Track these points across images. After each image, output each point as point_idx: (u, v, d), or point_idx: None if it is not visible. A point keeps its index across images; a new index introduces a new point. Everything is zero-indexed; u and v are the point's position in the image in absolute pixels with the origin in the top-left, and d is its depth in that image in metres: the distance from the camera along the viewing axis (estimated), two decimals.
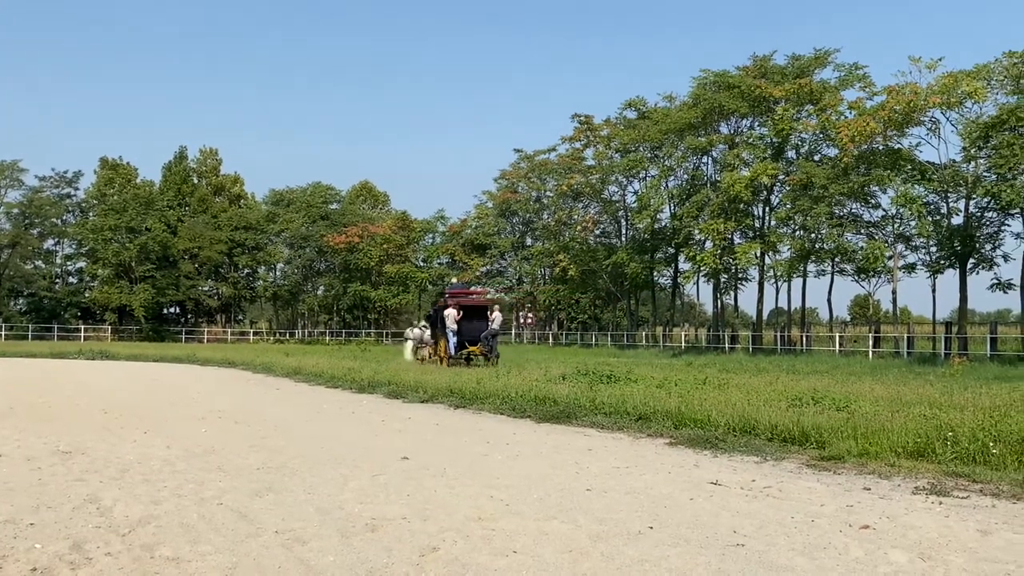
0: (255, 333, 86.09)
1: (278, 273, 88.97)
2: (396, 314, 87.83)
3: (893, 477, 9.87)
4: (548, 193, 69.35)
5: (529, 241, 73.56)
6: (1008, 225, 40.96)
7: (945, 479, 9.59)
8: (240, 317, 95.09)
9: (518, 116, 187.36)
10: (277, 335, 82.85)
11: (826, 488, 9.38)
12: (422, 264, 78.62)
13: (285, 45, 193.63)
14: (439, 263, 77.36)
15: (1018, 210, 38.93)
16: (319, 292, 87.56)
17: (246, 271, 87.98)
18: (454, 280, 44.80)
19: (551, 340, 67.42)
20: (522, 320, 72.61)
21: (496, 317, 31.62)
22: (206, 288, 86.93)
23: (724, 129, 53.48)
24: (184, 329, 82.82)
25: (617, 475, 10.21)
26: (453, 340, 31.00)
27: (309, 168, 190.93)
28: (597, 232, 65.83)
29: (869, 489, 9.28)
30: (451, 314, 30.92)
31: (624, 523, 7.76)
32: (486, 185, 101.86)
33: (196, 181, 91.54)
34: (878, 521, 7.81)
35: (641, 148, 57.39)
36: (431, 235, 79.13)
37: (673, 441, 12.90)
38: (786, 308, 53.97)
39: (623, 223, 64.19)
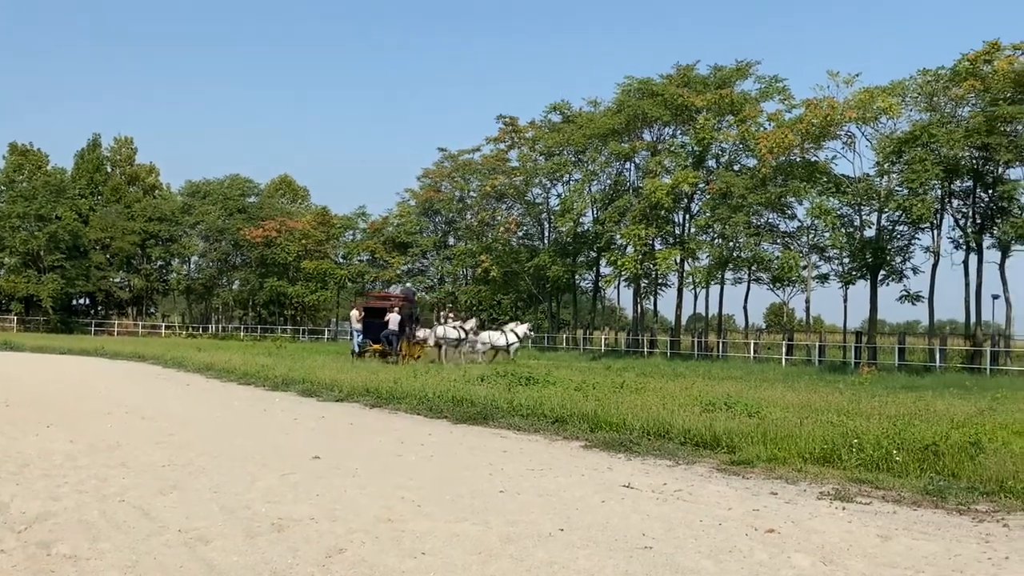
0: (167, 327, 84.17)
1: (192, 266, 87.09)
2: (314, 311, 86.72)
3: (800, 482, 10.03)
4: (472, 193, 69.09)
5: (451, 241, 73.15)
6: (918, 239, 42.08)
7: (849, 485, 9.77)
8: (152, 310, 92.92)
9: (442, 115, 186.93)
10: (190, 329, 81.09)
11: (735, 492, 9.48)
12: (342, 261, 77.64)
13: (205, 37, 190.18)
14: (359, 260, 76.48)
15: (928, 224, 40.04)
16: (234, 287, 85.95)
17: (159, 263, 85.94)
18: (408, 285, 44.94)
19: None
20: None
21: (392, 318, 32.63)
22: (117, 280, 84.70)
23: (647, 136, 53.88)
24: (94, 321, 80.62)
25: (531, 477, 10.20)
26: (358, 339, 33.52)
27: (228, 160, 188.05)
28: (520, 234, 65.79)
29: (776, 494, 9.41)
30: (354, 315, 33.92)
31: (535, 525, 7.75)
32: (409, 183, 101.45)
33: (110, 170, 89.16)
34: (783, 525, 7.92)
35: (565, 152, 57.54)
36: (351, 232, 78.19)
37: (588, 444, 12.94)
38: (704, 314, 54.70)
39: (546, 226, 64.33)
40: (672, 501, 8.96)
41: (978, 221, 38.91)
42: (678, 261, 50.22)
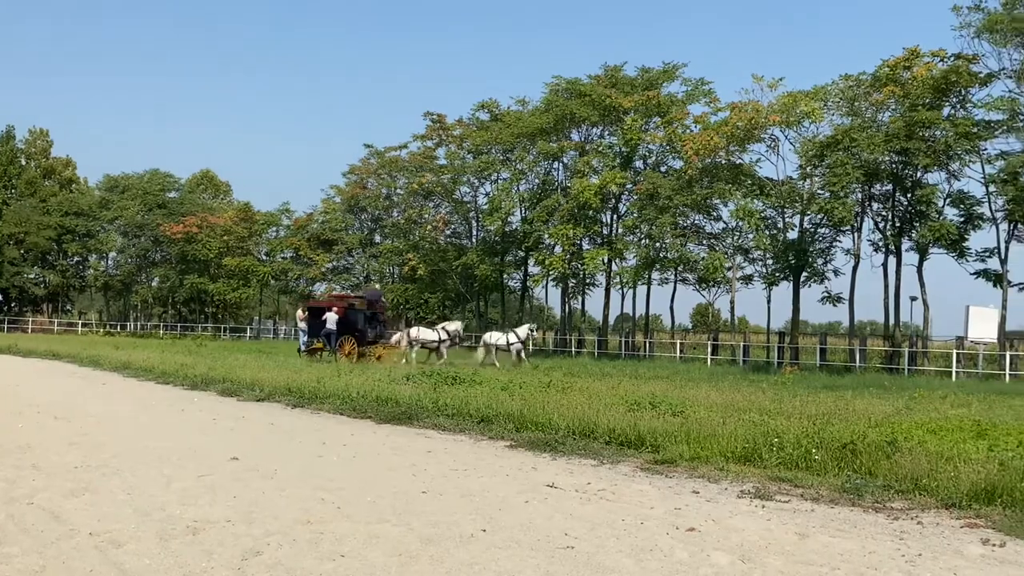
0: (84, 324, 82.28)
1: (110, 262, 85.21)
2: (236, 309, 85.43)
3: (721, 481, 10.11)
4: (399, 191, 68.66)
5: (378, 238, 72.50)
6: (839, 241, 42.84)
7: (770, 483, 9.88)
8: (68, 307, 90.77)
9: (369, 111, 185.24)
10: (108, 327, 79.32)
11: (657, 491, 9.52)
12: (264, 258, 76.65)
13: (124, 27, 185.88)
14: (283, 257, 75.50)
15: (849, 227, 40.82)
16: (154, 283, 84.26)
17: (76, 259, 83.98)
18: (376, 287, 44.67)
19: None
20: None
21: (329, 316, 33.64)
22: (32, 276, 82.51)
23: (575, 136, 54.14)
24: (6, 318, 78.32)
25: (455, 477, 10.13)
26: (303, 338, 35.23)
27: (147, 155, 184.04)
28: (448, 232, 65.64)
29: (698, 492, 9.48)
30: (299, 314, 35.70)
31: (457, 526, 7.69)
32: (334, 180, 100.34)
33: (24, 163, 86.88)
34: (704, 524, 7.97)
35: (493, 150, 57.47)
36: (275, 228, 77.16)
37: (514, 444, 12.91)
38: (631, 314, 55.18)
39: (474, 224, 64.22)
40: (595, 500, 8.96)
41: (897, 224, 39.81)
42: (606, 261, 50.50)
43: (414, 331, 34.83)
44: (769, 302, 45.22)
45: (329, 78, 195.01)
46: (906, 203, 39.30)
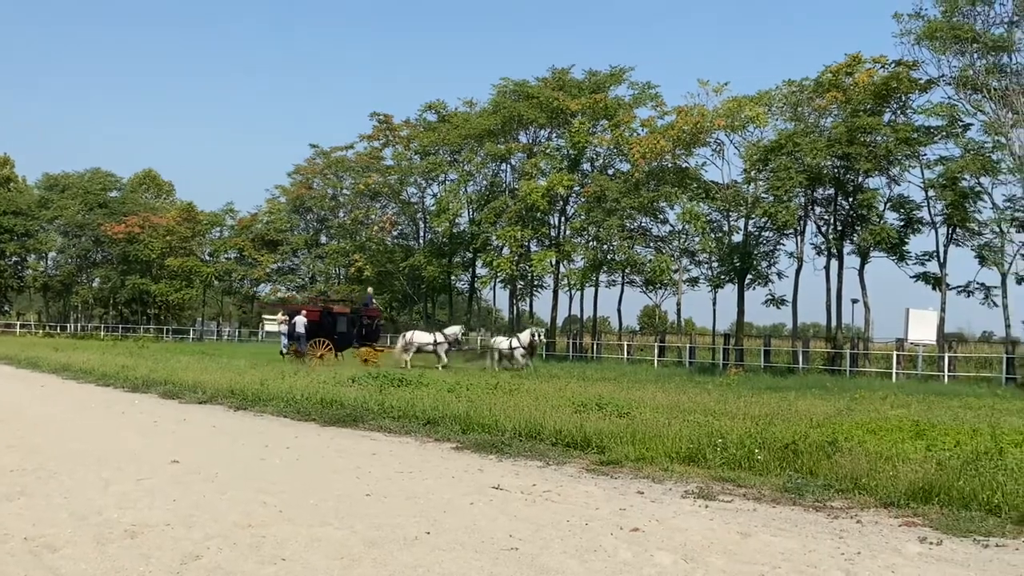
0: (23, 326, 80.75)
1: (50, 262, 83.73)
2: (179, 310, 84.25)
3: (666, 481, 10.16)
4: (345, 191, 68.44)
5: (324, 239, 72.09)
6: (783, 244, 43.43)
7: (713, 484, 9.95)
8: (6, 308, 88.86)
9: (315, 111, 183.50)
10: (47, 328, 77.95)
11: (603, 492, 9.54)
12: (208, 258, 75.77)
13: (59, 23, 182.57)
14: (226, 258, 74.75)
15: (792, 230, 41.40)
16: (95, 284, 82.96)
17: (14, 259, 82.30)
18: (369, 290, 44.34)
19: None
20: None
21: (298, 320, 34.05)
22: None
23: (523, 138, 54.32)
24: None
25: (399, 480, 10.06)
26: (285, 341, 35.48)
27: (89, 154, 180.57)
28: (395, 233, 65.46)
29: (643, 493, 9.51)
30: (280, 318, 36.79)
31: (401, 528, 7.62)
32: (279, 179, 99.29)
33: None
34: (648, 524, 7.99)
35: (441, 151, 57.44)
36: (219, 229, 76.36)
37: (460, 446, 12.86)
38: (579, 316, 55.36)
39: (421, 225, 64.10)
40: (541, 502, 8.95)
41: (839, 228, 40.42)
42: (553, 263, 50.70)
43: (410, 334, 34.36)
44: (715, 304, 45.70)
45: (274, 77, 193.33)
46: (848, 207, 39.92)
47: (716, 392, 22.50)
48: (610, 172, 49.85)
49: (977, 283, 37.17)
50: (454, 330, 34.89)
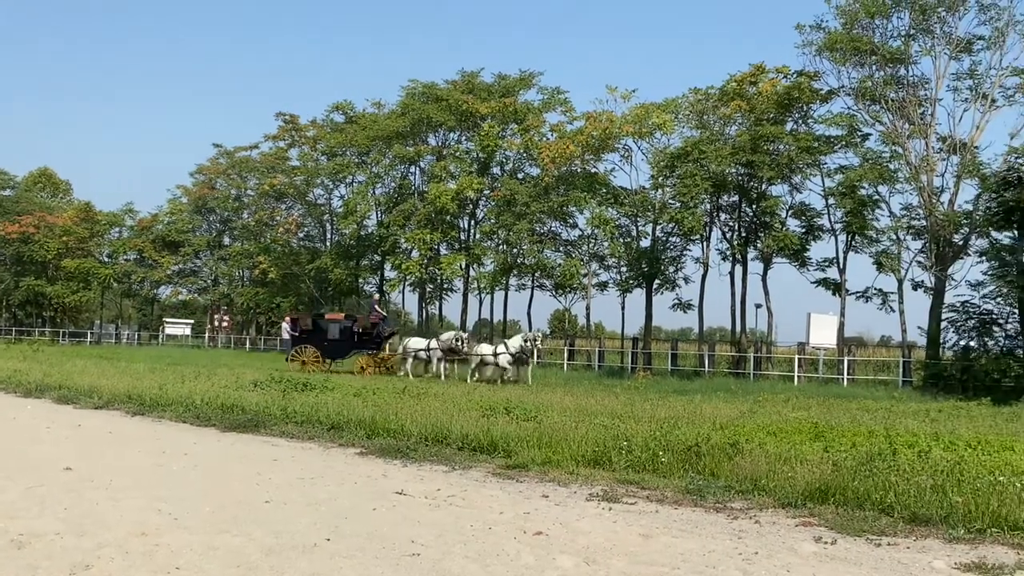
0: None
1: None
2: (75, 312, 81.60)
3: (571, 484, 10.20)
4: (249, 192, 67.25)
5: (227, 240, 70.70)
6: (689, 250, 43.96)
7: (617, 486, 10.02)
8: None
9: (218, 110, 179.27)
10: None
11: (508, 496, 9.53)
12: (107, 260, 73.65)
13: None
14: (126, 259, 72.78)
15: (698, 236, 42.01)
16: None
17: None
18: (375, 296, 43.39)
19: (248, 345, 65.46)
20: (217, 323, 69.88)
21: (283, 327, 35.85)
22: None
23: (432, 140, 54.16)
24: None
25: (301, 486, 9.90)
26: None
27: None
28: (301, 235, 64.58)
29: (547, 496, 9.53)
30: (285, 326, 36.70)
31: (301, 535, 7.51)
32: (181, 179, 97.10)
33: None
34: (551, 527, 8.01)
35: (348, 153, 56.88)
36: (118, 229, 74.29)
37: (364, 451, 12.73)
38: (490, 319, 55.31)
39: (328, 227, 63.39)
40: (445, 507, 8.91)
41: (743, 234, 41.18)
42: (463, 266, 50.67)
43: (406, 341, 33.15)
44: (623, 308, 46.17)
45: (174, 74, 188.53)
46: (751, 214, 40.71)
47: (624, 395, 22.82)
48: (520, 176, 50.00)
49: (875, 289, 38.18)
50: (448, 336, 32.51)
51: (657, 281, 43.25)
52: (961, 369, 31.04)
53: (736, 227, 41.78)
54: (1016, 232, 31.88)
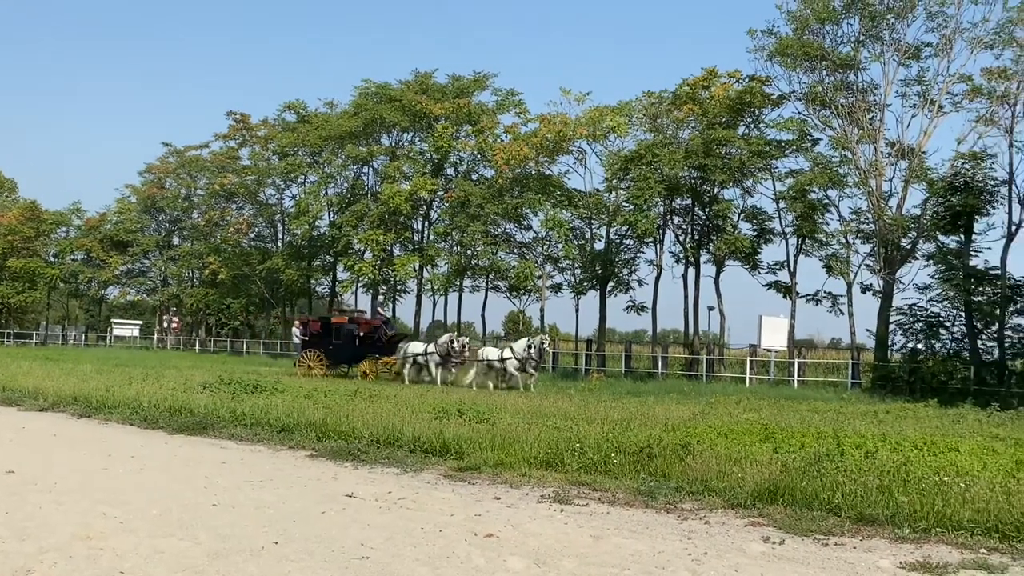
0: None
1: None
2: (21, 313, 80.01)
3: (523, 486, 10.19)
4: (199, 191, 66.57)
5: (177, 240, 69.88)
6: (643, 252, 44.21)
7: (569, 488, 10.03)
8: None
9: (167, 108, 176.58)
10: None
11: (459, 498, 9.50)
12: (53, 260, 72.43)
13: None
14: (73, 259, 71.65)
15: (652, 239, 42.25)
16: None
17: None
18: (379, 298, 42.55)
19: (197, 346, 64.77)
20: (166, 324, 69.06)
21: (294, 332, 35.70)
22: None
23: (385, 141, 53.89)
24: None
25: (249, 489, 9.79)
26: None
27: None
28: (252, 235, 63.96)
29: (499, 498, 9.51)
30: (296, 331, 36.03)
31: (249, 539, 7.43)
32: (130, 178, 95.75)
33: None
34: (503, 529, 7.99)
35: (300, 152, 56.50)
36: (65, 228, 73.12)
37: (315, 453, 12.61)
38: (443, 321, 55.11)
39: (280, 228, 62.84)
40: (395, 509, 8.85)
41: (696, 237, 41.49)
42: (417, 268, 50.52)
43: (406, 345, 31.59)
44: (577, 311, 46.23)
45: (124, 71, 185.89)
46: (704, 217, 41.04)
47: (578, 397, 22.89)
48: (474, 177, 49.95)
49: (825, 292, 38.71)
50: (444, 339, 30.48)
51: (611, 283, 43.45)
52: (909, 371, 31.60)
53: (689, 230, 42.09)
54: (962, 236, 32.54)
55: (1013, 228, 31.33)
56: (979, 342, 31.74)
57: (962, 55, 33.74)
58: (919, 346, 33.05)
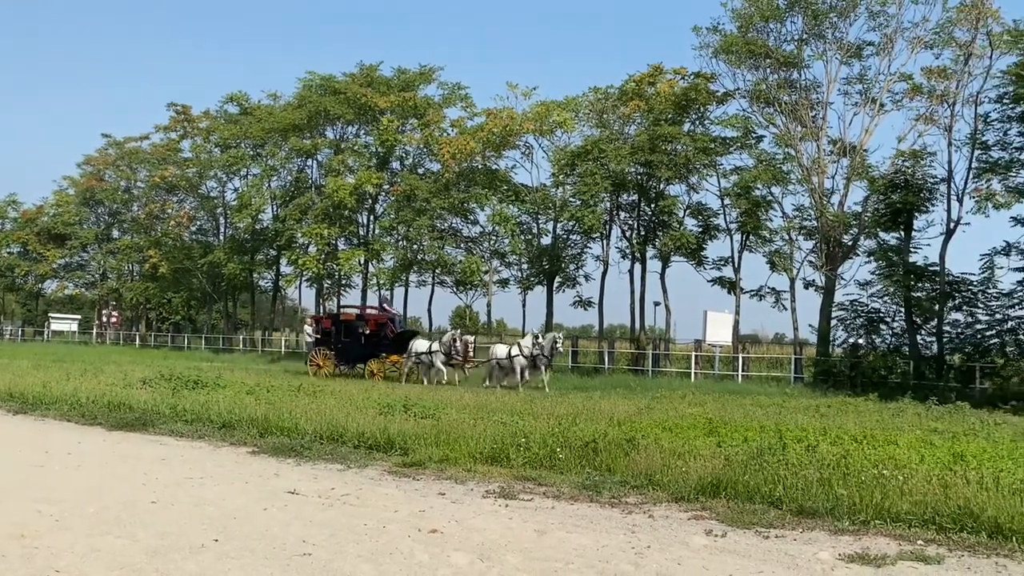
0: None
1: None
2: None
3: (468, 482, 10.16)
4: (139, 184, 65.42)
5: (116, 234, 68.54)
6: (590, 248, 44.38)
7: (515, 483, 10.03)
8: None
9: (108, 99, 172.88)
10: None
11: (403, 494, 9.44)
12: None
13: None
14: (8, 252, 70.00)
15: (598, 234, 42.39)
16: None
17: None
18: (384, 294, 41.45)
19: (138, 341, 63.74)
20: (105, 319, 67.83)
21: (306, 329, 34.63)
22: None
23: (330, 134, 53.27)
24: None
25: (189, 486, 9.65)
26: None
27: None
28: (193, 229, 62.91)
29: (444, 494, 9.48)
30: (308, 330, 34.63)
31: (188, 537, 7.32)
32: (68, 170, 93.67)
33: None
34: (447, 525, 7.97)
35: (243, 145, 55.64)
36: (0, 221, 71.48)
37: (256, 450, 12.48)
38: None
39: (222, 221, 61.83)
40: (338, 506, 8.78)
41: (642, 233, 41.66)
42: (362, 262, 50.11)
43: (412, 343, 29.86)
44: (524, 306, 46.28)
45: (61, 61, 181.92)
46: (650, 213, 41.23)
47: (524, 392, 22.95)
48: (420, 171, 49.62)
49: (768, 287, 39.16)
50: (447, 336, 29.36)
51: (558, 279, 43.57)
52: (850, 366, 32.10)
53: (635, 226, 42.26)
54: (902, 233, 33.12)
55: (951, 225, 31.90)
56: (918, 337, 32.36)
57: (903, 54, 34.42)
58: (860, 341, 33.66)
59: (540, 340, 27.42)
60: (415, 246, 47.05)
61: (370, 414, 14.49)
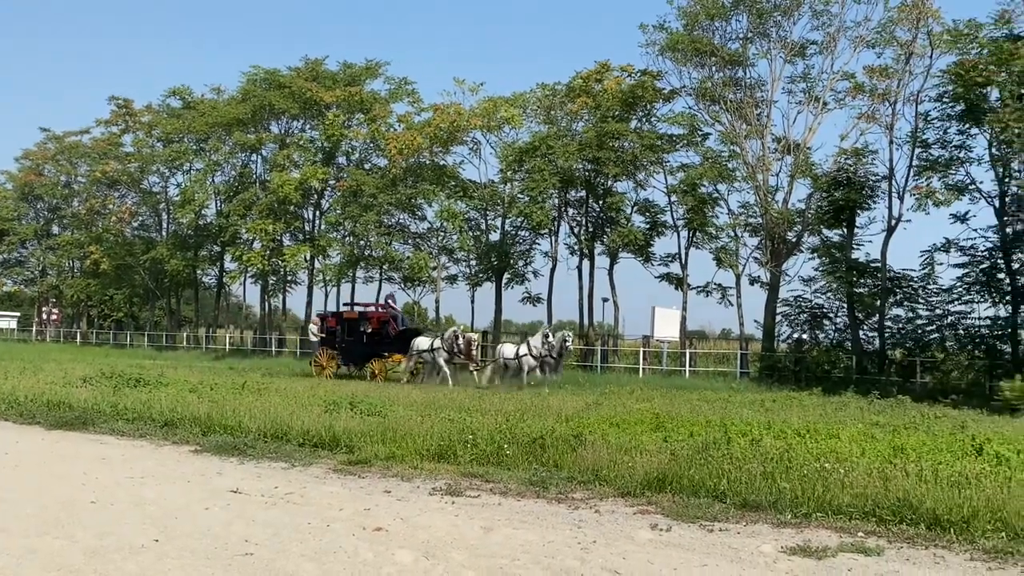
0: None
1: None
2: None
3: (415, 479, 10.11)
4: (80, 179, 64.26)
5: (56, 229, 67.30)
6: (538, 244, 44.52)
7: (462, 480, 10.00)
8: None
9: (46, 92, 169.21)
10: None
11: (348, 492, 9.37)
12: None
13: None
14: None
15: (547, 231, 42.49)
16: None
17: None
18: (390, 291, 40.47)
19: (79, 339, 62.64)
20: (45, 316, 66.59)
21: (311, 328, 33.64)
22: None
23: (275, 128, 52.69)
24: None
25: (129, 485, 9.50)
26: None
27: None
28: (135, 224, 61.95)
29: (390, 492, 9.42)
30: (313, 328, 33.44)
31: (128, 537, 7.20)
32: (5, 165, 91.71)
33: None
34: (392, 523, 7.92)
35: (186, 139, 54.93)
36: None
37: (199, 449, 12.31)
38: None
39: (164, 217, 60.94)
40: (282, 505, 8.70)
41: (590, 229, 41.83)
42: (308, 258, 49.69)
43: (414, 340, 29.13)
44: (473, 302, 46.18)
45: None
46: (598, 209, 41.43)
47: (472, 389, 22.85)
48: (367, 167, 49.33)
49: (715, 284, 39.47)
50: (449, 333, 28.31)
51: (507, 275, 43.57)
52: (794, 360, 32.58)
53: (584, 222, 42.43)
54: (845, 230, 33.64)
55: (893, 222, 32.42)
56: (860, 332, 32.91)
57: (845, 53, 34.90)
58: (804, 336, 34.15)
59: (550, 339, 26.65)
60: (362, 242, 46.76)
61: (316, 412, 14.36)
